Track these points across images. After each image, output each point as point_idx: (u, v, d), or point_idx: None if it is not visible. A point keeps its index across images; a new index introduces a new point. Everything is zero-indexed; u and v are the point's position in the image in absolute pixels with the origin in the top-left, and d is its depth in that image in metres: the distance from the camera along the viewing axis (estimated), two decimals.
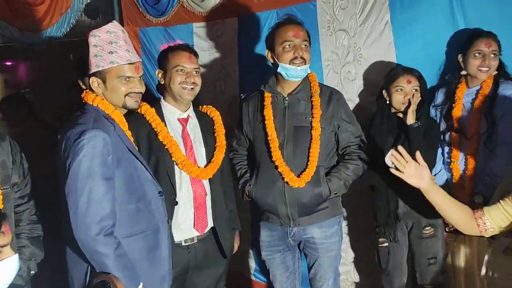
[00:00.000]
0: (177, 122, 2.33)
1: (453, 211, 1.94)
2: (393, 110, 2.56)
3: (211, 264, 2.34)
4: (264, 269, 2.90)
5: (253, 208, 2.96)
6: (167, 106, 2.34)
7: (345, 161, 2.39)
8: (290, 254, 2.49)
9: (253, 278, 3.46)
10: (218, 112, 2.51)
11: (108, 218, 1.79)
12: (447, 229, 2.57)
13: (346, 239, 3.05)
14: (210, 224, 2.32)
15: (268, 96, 2.43)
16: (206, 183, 2.32)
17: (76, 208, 1.77)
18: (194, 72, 2.30)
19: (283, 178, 2.29)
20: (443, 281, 2.53)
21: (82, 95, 1.98)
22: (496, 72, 2.42)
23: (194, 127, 2.37)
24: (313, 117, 2.33)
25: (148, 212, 1.95)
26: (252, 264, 3.46)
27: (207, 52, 3.52)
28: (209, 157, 2.34)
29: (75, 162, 1.78)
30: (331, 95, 2.40)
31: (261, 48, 3.06)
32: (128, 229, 1.89)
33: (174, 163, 2.24)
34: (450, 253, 2.63)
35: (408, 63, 2.62)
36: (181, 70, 2.27)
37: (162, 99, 2.37)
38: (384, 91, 2.57)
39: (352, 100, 2.89)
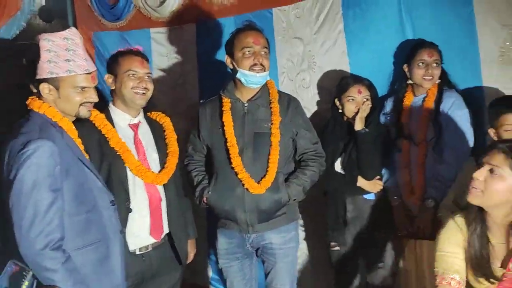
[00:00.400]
0: (128, 128, 2.29)
1: None
2: (345, 118, 2.61)
3: (167, 272, 2.31)
4: (222, 278, 2.89)
5: (210, 215, 2.94)
6: (116, 111, 2.30)
7: (303, 167, 2.41)
8: (248, 261, 2.48)
9: (210, 287, 3.44)
10: (169, 118, 2.49)
11: (55, 231, 1.73)
12: (398, 233, 2.63)
13: (302, 245, 3.08)
14: (166, 230, 2.30)
15: (227, 101, 2.42)
16: (160, 188, 2.29)
17: (20, 222, 1.70)
18: (146, 77, 2.27)
19: (243, 185, 2.29)
20: (393, 284, 2.59)
21: (27, 102, 1.92)
22: (440, 80, 2.52)
23: (145, 133, 2.34)
24: (272, 123, 2.34)
25: (99, 223, 1.90)
26: (209, 273, 3.43)
27: (165, 57, 3.49)
28: (162, 163, 2.32)
29: (19, 174, 1.71)
30: (289, 102, 2.42)
31: (220, 54, 3.07)
32: (78, 241, 1.83)
33: (127, 169, 2.21)
34: (402, 256, 2.70)
35: (360, 71, 2.70)
36: (133, 75, 2.24)
37: (111, 104, 2.33)
38: (336, 100, 2.62)
39: (307, 107, 2.93)
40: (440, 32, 2.50)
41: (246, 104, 2.38)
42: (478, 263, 1.69)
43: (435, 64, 2.48)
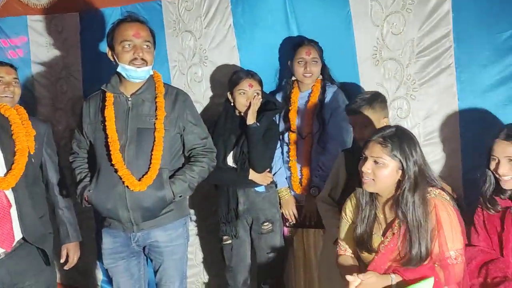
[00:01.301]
0: None
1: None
2: (237, 112, 2.63)
3: (33, 276, 2.17)
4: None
5: (97, 215, 2.79)
6: None
7: (191, 163, 2.37)
8: (134, 260, 2.40)
9: None
10: (14, 111, 2.28)
11: None
12: (287, 224, 2.73)
13: (196, 240, 3.06)
14: (19, 236, 2.13)
15: (110, 96, 2.30)
16: (9, 193, 2.10)
17: None
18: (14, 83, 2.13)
19: (123, 182, 2.20)
20: (283, 273, 2.67)
21: None
22: (321, 76, 2.64)
23: None
24: (156, 118, 2.26)
25: None
26: (99, 275, 3.28)
27: (45, 48, 3.25)
28: (9, 163, 2.12)
29: None
30: (177, 96, 2.36)
31: (106, 46, 2.91)
32: None
33: None
34: (290, 246, 2.80)
35: (250, 66, 2.73)
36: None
37: None
38: (229, 93, 2.63)
39: (199, 101, 2.91)
40: (321, 30, 2.62)
41: (130, 99, 2.29)
42: (362, 238, 1.89)
43: (313, 62, 2.59)
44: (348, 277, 1.73)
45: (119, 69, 2.22)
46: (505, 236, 1.91)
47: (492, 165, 1.90)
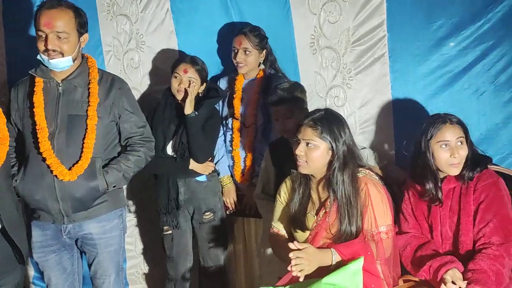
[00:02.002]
0: None
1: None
2: (177, 100, 2.56)
3: (6, 272, 2.05)
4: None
5: (26, 207, 2.66)
6: None
7: (127, 152, 2.30)
8: (67, 253, 2.31)
9: (32, 286, 3.15)
10: None
11: None
12: (227, 212, 2.71)
13: (135, 231, 3.00)
14: None
15: (39, 81, 2.19)
16: None
17: None
18: None
19: (52, 172, 2.11)
20: (224, 262, 2.67)
21: None
22: (263, 66, 2.62)
23: None
24: (89, 105, 2.17)
25: None
26: (31, 271, 3.13)
27: None
28: None
29: None
30: (112, 83, 2.27)
31: (33, 28, 2.74)
32: None
33: None
34: (231, 235, 2.80)
35: (189, 52, 2.68)
36: None
37: None
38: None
39: (136, 88, 2.82)
40: (261, 18, 2.59)
41: (61, 84, 2.18)
42: (296, 217, 1.96)
43: (246, 52, 2.54)
44: (290, 245, 1.76)
45: (39, 57, 2.13)
46: (433, 219, 1.99)
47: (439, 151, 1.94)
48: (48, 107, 2.16)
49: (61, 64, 2.14)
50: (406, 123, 2.39)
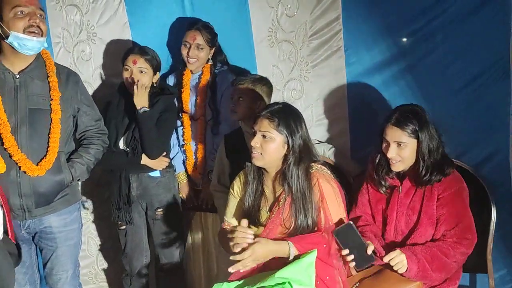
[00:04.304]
0: None
1: None
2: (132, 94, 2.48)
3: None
4: None
5: None
6: None
7: (86, 146, 2.25)
8: (25, 247, 2.21)
9: None
10: None
11: None
12: (185, 207, 2.67)
13: (88, 229, 2.89)
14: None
15: None
16: None
17: None
18: None
19: (19, 167, 2.02)
20: (181, 258, 2.62)
21: None
22: (211, 62, 2.60)
23: None
24: (52, 99, 2.10)
25: None
26: None
27: None
28: None
29: None
30: (68, 76, 2.21)
31: None
32: None
33: None
34: (190, 229, 2.76)
35: (144, 44, 2.59)
36: None
37: None
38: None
39: (88, 81, 2.72)
40: (217, 11, 2.58)
41: (17, 76, 2.08)
42: (250, 212, 1.94)
43: (198, 48, 2.52)
44: (230, 269, 1.75)
45: (10, 40, 2.00)
46: (389, 213, 2.03)
47: (384, 147, 2.00)
48: (6, 100, 2.05)
49: (40, 45, 2.05)
50: (361, 116, 2.46)
